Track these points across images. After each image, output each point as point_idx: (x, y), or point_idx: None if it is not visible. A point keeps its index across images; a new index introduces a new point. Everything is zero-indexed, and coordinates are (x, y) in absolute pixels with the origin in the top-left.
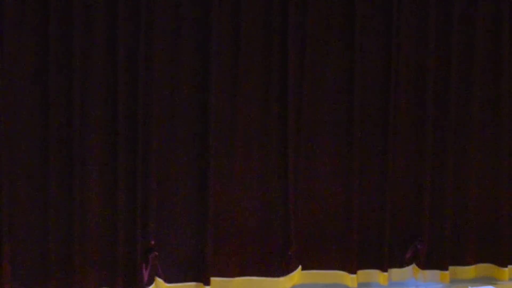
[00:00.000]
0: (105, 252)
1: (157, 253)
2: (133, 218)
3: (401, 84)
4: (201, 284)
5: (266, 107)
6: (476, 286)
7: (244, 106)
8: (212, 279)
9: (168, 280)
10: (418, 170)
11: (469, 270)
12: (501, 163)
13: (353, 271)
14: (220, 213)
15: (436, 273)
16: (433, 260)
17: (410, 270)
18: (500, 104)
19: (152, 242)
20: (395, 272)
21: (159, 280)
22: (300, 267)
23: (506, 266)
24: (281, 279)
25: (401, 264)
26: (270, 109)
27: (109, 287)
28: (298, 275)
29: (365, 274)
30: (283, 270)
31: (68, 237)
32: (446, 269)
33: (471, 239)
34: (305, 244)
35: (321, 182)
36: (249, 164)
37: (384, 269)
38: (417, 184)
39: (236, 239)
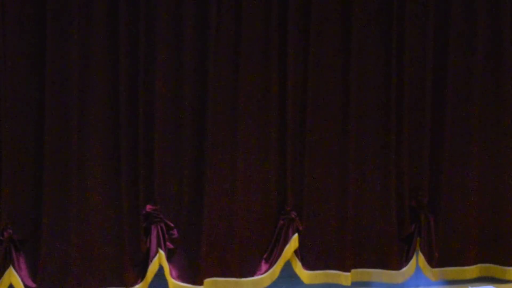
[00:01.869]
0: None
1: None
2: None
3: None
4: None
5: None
6: (477, 286)
7: (243, 104)
8: (206, 280)
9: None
10: (418, 167)
11: (470, 270)
12: (502, 162)
13: (347, 270)
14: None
15: (434, 272)
16: (433, 259)
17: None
18: (501, 103)
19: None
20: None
21: (161, 253)
22: (296, 234)
23: (510, 266)
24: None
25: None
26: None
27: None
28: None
29: (366, 273)
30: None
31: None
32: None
33: (472, 239)
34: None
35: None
36: (248, 163)
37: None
38: (417, 182)
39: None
